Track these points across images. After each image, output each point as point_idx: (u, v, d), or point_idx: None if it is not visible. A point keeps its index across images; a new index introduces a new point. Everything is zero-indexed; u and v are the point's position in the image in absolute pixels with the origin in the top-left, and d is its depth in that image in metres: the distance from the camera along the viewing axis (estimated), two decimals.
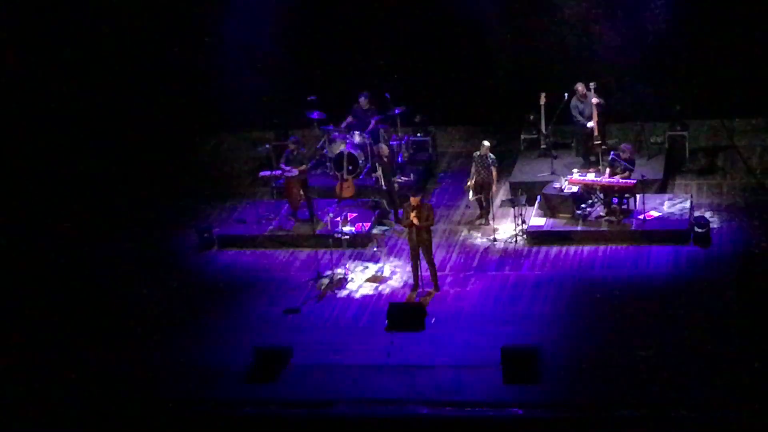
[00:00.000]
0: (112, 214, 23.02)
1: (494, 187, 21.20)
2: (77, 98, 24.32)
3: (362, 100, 23.51)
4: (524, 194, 21.30)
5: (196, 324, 18.86)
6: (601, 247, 20.16)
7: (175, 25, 25.17)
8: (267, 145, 23.14)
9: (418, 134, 24.24)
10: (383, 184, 21.79)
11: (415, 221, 18.61)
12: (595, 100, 21.95)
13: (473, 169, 21.15)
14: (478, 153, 21.12)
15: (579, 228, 20.56)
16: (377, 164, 21.94)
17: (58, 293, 19.99)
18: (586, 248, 20.20)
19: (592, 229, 20.48)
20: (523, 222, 20.71)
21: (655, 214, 20.52)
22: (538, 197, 21.28)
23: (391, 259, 20.39)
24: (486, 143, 21.10)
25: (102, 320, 19.08)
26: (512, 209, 20.97)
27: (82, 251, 21.59)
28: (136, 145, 24.95)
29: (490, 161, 21.01)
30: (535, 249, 20.35)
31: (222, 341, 18.19)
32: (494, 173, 21.01)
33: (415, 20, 24.69)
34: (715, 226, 20.25)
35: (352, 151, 22.72)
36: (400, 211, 21.16)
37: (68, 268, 20.94)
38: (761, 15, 22.90)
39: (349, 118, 23.55)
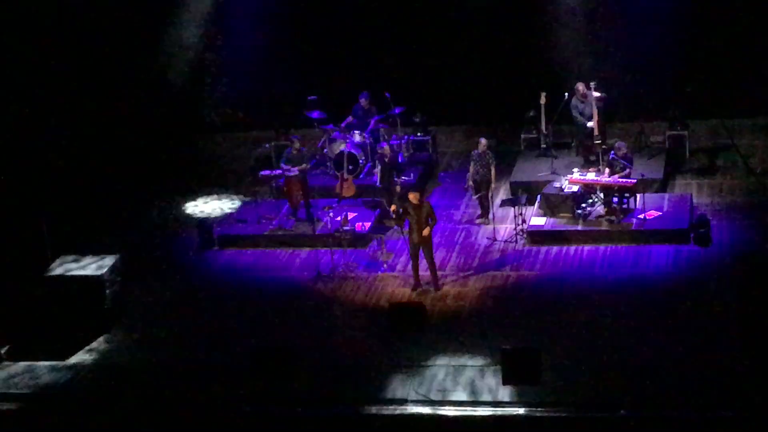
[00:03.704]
0: (112, 214, 23.02)
1: (493, 185, 21.20)
2: (77, 98, 24.30)
3: (362, 100, 23.54)
4: (524, 194, 21.32)
5: (196, 323, 18.85)
6: (601, 247, 20.16)
7: (176, 24, 25.19)
8: (267, 145, 23.16)
9: (418, 134, 24.26)
10: (380, 182, 21.80)
11: (425, 232, 18.58)
12: (597, 94, 21.97)
13: (472, 168, 21.17)
14: (476, 151, 21.15)
15: (579, 228, 20.56)
16: (377, 162, 21.94)
17: (57, 293, 19.94)
18: (587, 248, 20.21)
19: (593, 228, 20.49)
20: (524, 222, 20.72)
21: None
22: (539, 197, 21.29)
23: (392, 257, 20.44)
24: (483, 140, 21.14)
25: (101, 320, 19.07)
26: (512, 209, 20.98)
27: (82, 250, 21.59)
28: (136, 144, 24.93)
29: (489, 159, 21.03)
30: (535, 249, 20.36)
31: (222, 341, 18.19)
32: (493, 171, 21.02)
33: (415, 20, 24.71)
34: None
35: (353, 150, 22.74)
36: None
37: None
38: (761, 15, 22.90)
39: (350, 118, 23.58)
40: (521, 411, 15.82)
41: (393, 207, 19.03)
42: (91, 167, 23.77)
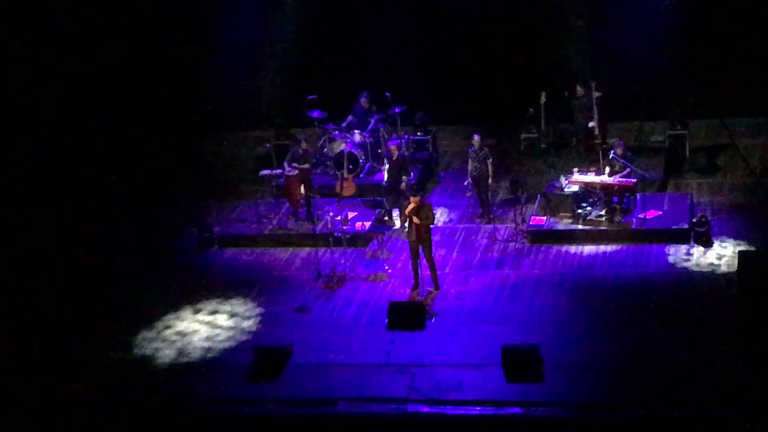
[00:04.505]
0: (112, 213, 23.04)
1: (490, 181, 21.20)
2: (78, 98, 24.32)
3: (362, 100, 23.55)
4: (524, 193, 21.33)
5: (196, 324, 18.85)
6: (601, 247, 20.16)
7: (176, 24, 25.19)
8: (267, 145, 23.15)
9: (419, 133, 24.28)
10: (386, 181, 21.79)
11: (416, 220, 18.60)
12: (596, 93, 21.99)
13: (470, 165, 21.19)
14: (472, 148, 21.17)
15: (579, 227, 20.57)
16: (385, 160, 21.93)
17: (58, 293, 19.97)
18: (587, 247, 20.21)
19: (593, 228, 20.49)
20: (524, 221, 20.72)
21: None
22: (539, 196, 21.30)
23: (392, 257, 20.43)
24: (476, 137, 21.15)
25: (102, 320, 19.07)
26: (512, 208, 20.98)
27: (83, 250, 21.64)
28: (136, 144, 24.95)
29: (483, 155, 21.04)
30: (535, 248, 20.36)
31: (222, 341, 18.19)
32: (489, 167, 21.02)
33: (415, 20, 24.72)
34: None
35: (353, 150, 22.74)
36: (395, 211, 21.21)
37: (68, 267, 20.94)
38: (761, 15, 22.92)
39: (350, 118, 23.59)
40: (521, 411, 15.82)
41: (411, 206, 18.83)
42: (93, 167, 23.85)
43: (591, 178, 20.94)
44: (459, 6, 24.32)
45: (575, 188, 20.95)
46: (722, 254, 19.38)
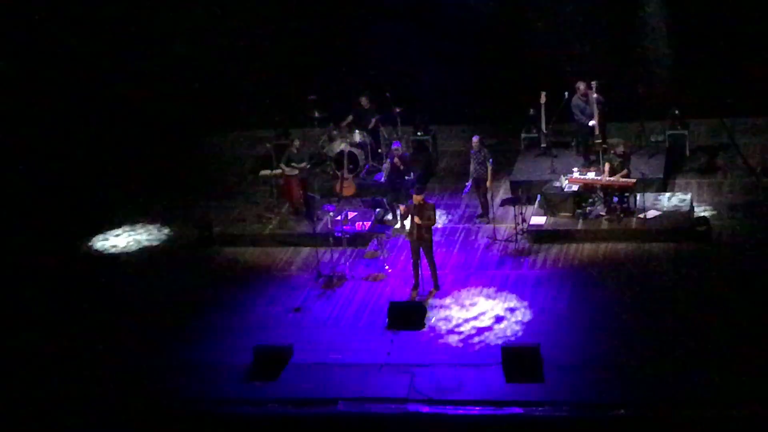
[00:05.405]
0: (112, 212, 23.05)
1: (488, 183, 21.17)
2: (79, 97, 24.33)
3: (363, 100, 23.55)
4: (524, 193, 21.31)
5: (196, 323, 18.85)
6: (602, 246, 20.15)
7: (176, 25, 25.22)
8: (267, 145, 23.17)
9: (419, 133, 24.27)
10: (386, 180, 21.78)
11: (417, 220, 18.59)
12: (596, 94, 21.99)
13: (471, 166, 21.19)
14: (473, 149, 21.16)
15: (579, 227, 20.56)
16: (387, 158, 21.92)
17: (57, 292, 19.97)
18: (587, 247, 20.20)
19: (593, 227, 20.49)
20: (524, 221, 20.72)
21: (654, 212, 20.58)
22: (539, 196, 21.29)
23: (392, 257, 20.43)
24: (475, 138, 21.13)
25: (101, 319, 19.07)
26: (512, 208, 20.98)
27: (82, 249, 21.65)
28: (137, 143, 24.96)
29: (483, 156, 21.03)
30: (535, 248, 20.36)
31: (222, 341, 18.20)
32: (488, 168, 20.99)
33: (415, 20, 24.73)
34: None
35: (353, 150, 22.74)
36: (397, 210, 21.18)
37: (68, 266, 20.95)
38: (761, 14, 22.92)
39: (350, 117, 23.59)
40: (521, 411, 15.82)
41: (412, 205, 18.83)
42: (93, 166, 23.87)
43: (591, 178, 20.94)
44: (459, 6, 24.33)
45: (575, 188, 20.95)
46: None
